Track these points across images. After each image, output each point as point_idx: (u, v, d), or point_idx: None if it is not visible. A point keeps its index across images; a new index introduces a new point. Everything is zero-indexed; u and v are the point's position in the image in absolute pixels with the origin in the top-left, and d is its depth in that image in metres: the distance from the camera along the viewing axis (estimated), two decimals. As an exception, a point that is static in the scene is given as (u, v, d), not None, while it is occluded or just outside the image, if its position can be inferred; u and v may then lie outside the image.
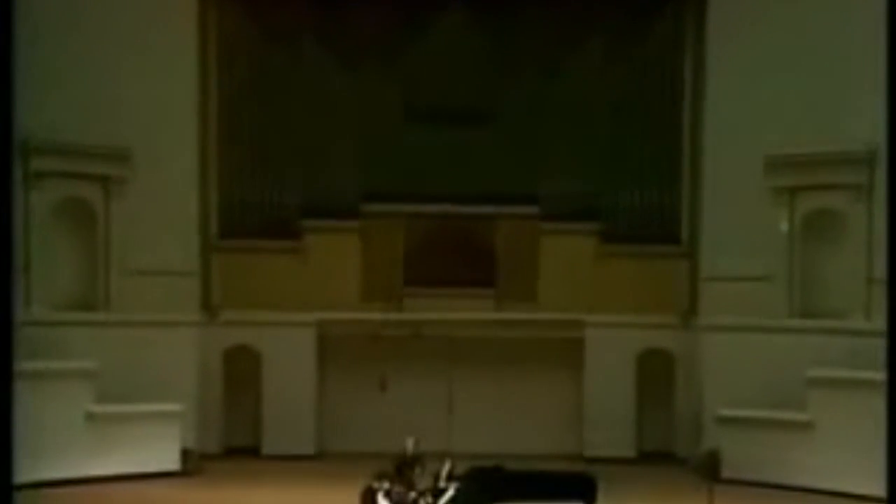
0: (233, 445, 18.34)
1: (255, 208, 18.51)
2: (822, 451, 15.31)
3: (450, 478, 12.09)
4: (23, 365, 12.88)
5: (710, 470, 15.14)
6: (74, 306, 16.63)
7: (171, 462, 16.34)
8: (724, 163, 17.29)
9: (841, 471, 14.82)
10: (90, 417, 15.89)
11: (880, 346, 13.75)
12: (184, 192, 17.53)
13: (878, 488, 13.08)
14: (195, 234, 17.83)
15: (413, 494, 11.56)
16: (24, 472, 12.81)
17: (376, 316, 18.29)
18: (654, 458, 18.14)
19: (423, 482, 11.89)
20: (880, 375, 13.74)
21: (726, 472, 15.99)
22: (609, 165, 18.59)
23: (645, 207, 18.57)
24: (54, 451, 14.88)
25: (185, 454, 16.59)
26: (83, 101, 16.28)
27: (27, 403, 13.09)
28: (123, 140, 16.70)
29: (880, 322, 14.40)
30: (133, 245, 16.91)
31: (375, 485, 11.43)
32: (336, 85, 18.59)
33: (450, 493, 11.69)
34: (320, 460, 18.03)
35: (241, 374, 18.38)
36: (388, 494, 11.36)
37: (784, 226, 16.61)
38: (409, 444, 12.45)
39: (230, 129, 18.51)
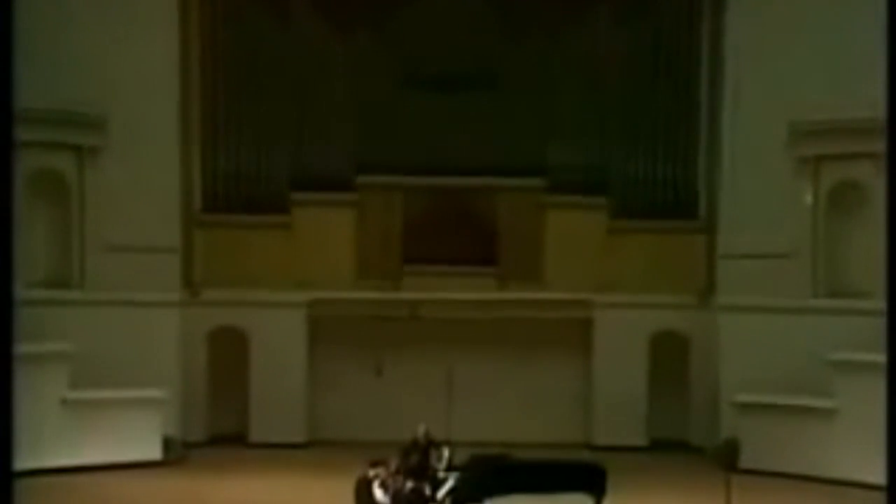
0: (218, 433, 18.30)
1: (241, 180, 18.40)
2: (847, 439, 15.26)
3: (449, 467, 12.04)
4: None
5: (727, 460, 15.06)
6: (47, 284, 16.55)
7: (152, 451, 16.31)
8: (744, 131, 17.16)
9: (867, 461, 14.72)
10: (65, 404, 15.82)
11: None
12: (164, 162, 17.37)
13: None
14: (176, 208, 17.69)
15: (410, 484, 11.51)
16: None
17: (371, 295, 18.24)
18: (667, 446, 18.11)
19: (440, 469, 11.89)
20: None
21: (744, 462, 15.96)
22: (620, 134, 18.47)
23: (659, 179, 18.46)
24: (26, 440, 14.72)
25: (167, 443, 16.56)
26: (55, 64, 16.09)
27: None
28: (98, 106, 16.55)
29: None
30: (109, 219, 16.80)
31: (371, 474, 11.37)
32: (328, 49, 18.45)
33: (449, 483, 11.67)
34: (311, 449, 18.01)
35: (226, 357, 18.33)
36: (383, 484, 11.30)
37: (808, 198, 16.50)
38: (421, 431, 12.43)
39: (214, 94, 18.35)
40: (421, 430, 12.55)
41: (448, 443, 12.69)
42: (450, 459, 12.26)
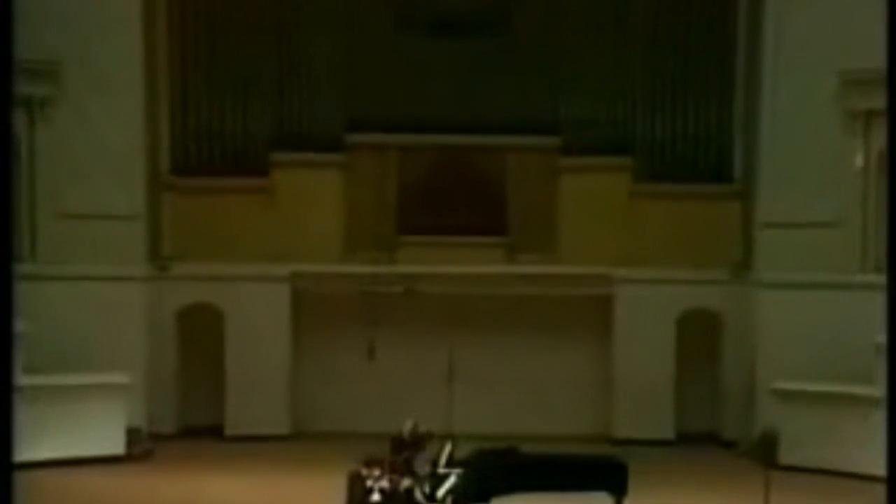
0: (189, 424, 18.39)
1: (214, 138, 18.38)
2: (898, 432, 15.23)
3: (450, 463, 12.01)
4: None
5: (764, 454, 15.13)
6: (-6, 256, 16.53)
7: (115, 444, 16.36)
8: (787, 81, 17.05)
9: (922, 456, 14.75)
10: (16, 391, 15.72)
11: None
12: (127, 117, 17.27)
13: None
14: (141, 170, 17.63)
15: (407, 482, 11.51)
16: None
17: (363, 269, 18.24)
18: (696, 440, 18.17)
19: (425, 468, 11.88)
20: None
21: (783, 458, 16.01)
22: (646, 86, 18.41)
23: (689, 137, 18.43)
24: (-28, 431, 14.83)
25: (132, 435, 16.61)
26: None
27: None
28: (51, 53, 16.44)
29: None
30: (65, 183, 16.78)
31: (364, 472, 11.39)
32: (313, -13, 18.41)
33: (451, 480, 11.64)
34: (295, 442, 18.08)
35: (199, 338, 18.40)
36: (378, 482, 11.32)
37: (859, 160, 16.42)
38: (407, 427, 12.38)
39: (185, 39, 18.27)
40: (407, 426, 12.36)
41: (448, 435, 12.68)
42: (451, 454, 12.22)
